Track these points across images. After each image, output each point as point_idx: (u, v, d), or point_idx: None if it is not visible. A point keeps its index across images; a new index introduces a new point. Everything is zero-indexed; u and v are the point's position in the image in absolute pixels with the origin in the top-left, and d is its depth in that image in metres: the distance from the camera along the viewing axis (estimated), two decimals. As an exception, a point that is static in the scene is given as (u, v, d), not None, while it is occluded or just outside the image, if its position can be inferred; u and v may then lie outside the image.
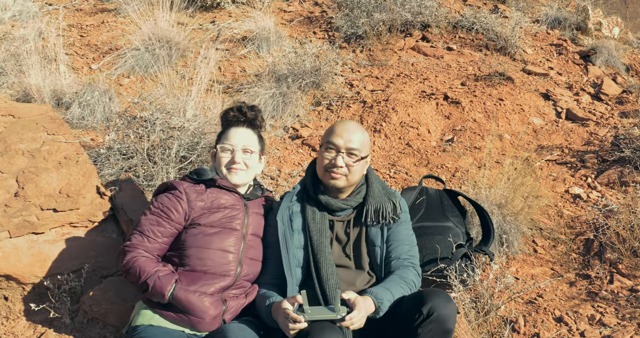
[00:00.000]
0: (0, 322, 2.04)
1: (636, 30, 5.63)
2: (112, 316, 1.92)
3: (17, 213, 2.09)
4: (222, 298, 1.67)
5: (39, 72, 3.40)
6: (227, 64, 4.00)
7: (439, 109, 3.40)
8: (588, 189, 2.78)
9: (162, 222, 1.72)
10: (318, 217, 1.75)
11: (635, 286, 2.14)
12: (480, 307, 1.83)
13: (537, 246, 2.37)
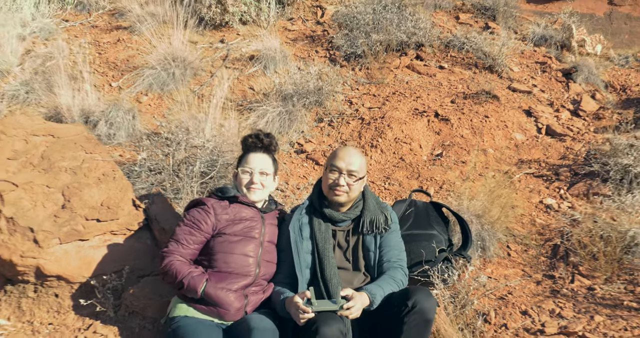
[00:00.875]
0: (53, 316, 2.43)
1: (620, 46, 6.02)
2: (150, 310, 2.31)
3: (65, 223, 2.48)
4: (244, 294, 2.06)
5: (67, 91, 3.79)
6: (237, 82, 4.39)
7: (430, 126, 3.79)
8: (560, 200, 3.17)
9: (194, 232, 2.10)
10: (323, 227, 2.14)
11: (592, 285, 2.52)
12: (457, 302, 2.21)
13: (510, 250, 2.76)
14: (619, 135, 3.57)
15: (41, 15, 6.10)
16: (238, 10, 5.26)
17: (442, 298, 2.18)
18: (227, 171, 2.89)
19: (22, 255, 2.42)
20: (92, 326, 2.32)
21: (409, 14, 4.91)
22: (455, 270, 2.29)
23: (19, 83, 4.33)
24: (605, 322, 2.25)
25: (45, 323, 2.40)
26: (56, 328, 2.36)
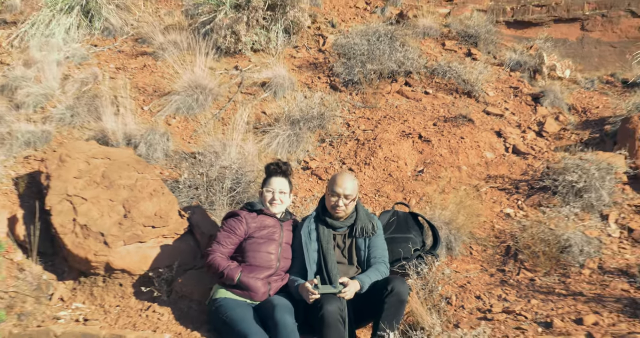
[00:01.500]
0: (118, 300, 3.19)
1: (590, 69, 6.78)
2: (195, 294, 3.07)
3: (127, 229, 3.24)
4: (268, 281, 2.82)
5: (110, 116, 4.54)
6: (251, 106, 5.16)
7: (414, 146, 4.56)
8: (517, 210, 3.93)
9: (231, 236, 2.87)
10: (326, 232, 2.90)
11: (533, 277, 3.28)
12: (427, 288, 2.97)
13: (472, 250, 3.52)
14: (571, 154, 4.33)
15: (72, 41, 6.88)
16: (250, 39, 6.03)
17: (415, 285, 2.94)
18: (249, 187, 3.65)
19: (95, 253, 3.18)
20: (150, 307, 3.08)
21: (399, 45, 5.67)
22: (426, 264, 3.04)
23: (65, 107, 5.09)
24: (538, 304, 3.01)
25: (114, 306, 3.16)
26: (122, 309, 3.12)
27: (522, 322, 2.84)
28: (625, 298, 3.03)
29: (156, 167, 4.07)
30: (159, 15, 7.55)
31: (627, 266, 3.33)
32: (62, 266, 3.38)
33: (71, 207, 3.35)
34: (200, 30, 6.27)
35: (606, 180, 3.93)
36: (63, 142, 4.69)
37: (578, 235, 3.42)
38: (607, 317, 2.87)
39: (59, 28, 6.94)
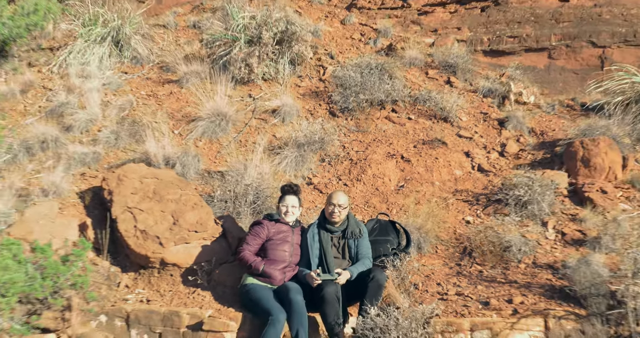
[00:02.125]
0: (170, 287, 4.28)
1: (555, 94, 7.85)
2: (228, 281, 4.16)
3: (176, 233, 4.34)
4: (283, 271, 3.91)
5: (151, 140, 5.62)
6: (264, 130, 6.25)
7: (397, 165, 5.66)
8: (476, 218, 5.02)
9: (256, 238, 3.96)
10: (325, 236, 4.00)
11: (482, 270, 4.37)
12: (400, 277, 4.05)
13: (437, 249, 4.61)
14: (523, 172, 5.42)
15: (105, 68, 7.97)
16: (261, 70, 7.13)
17: (391, 275, 4.03)
18: (267, 200, 4.74)
19: (152, 252, 4.28)
20: (195, 291, 4.17)
21: (387, 77, 6.77)
22: (400, 260, 4.14)
23: (109, 131, 6.18)
24: (482, 289, 4.11)
25: (167, 291, 4.25)
26: (174, 293, 4.21)
27: (468, 301, 3.94)
28: (548, 286, 4.12)
29: (193, 185, 5.15)
30: (179, 43, 8.65)
31: (554, 262, 4.42)
32: (125, 262, 4.48)
33: (132, 217, 4.45)
34: (218, 61, 7.36)
35: (546, 195, 5.03)
36: (110, 161, 5.79)
37: (517, 237, 4.52)
38: (531, 298, 3.97)
39: (93, 57, 8.04)
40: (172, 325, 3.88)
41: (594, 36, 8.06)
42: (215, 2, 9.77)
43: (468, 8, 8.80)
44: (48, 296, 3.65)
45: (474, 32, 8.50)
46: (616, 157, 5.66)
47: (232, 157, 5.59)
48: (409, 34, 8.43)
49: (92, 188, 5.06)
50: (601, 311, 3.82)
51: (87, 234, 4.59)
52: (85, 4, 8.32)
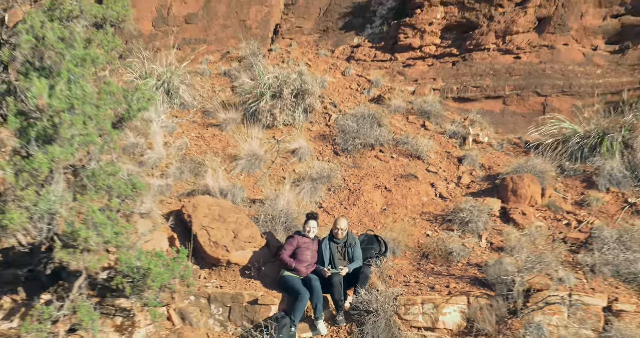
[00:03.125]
0: (233, 278, 6.74)
1: (507, 133, 10.29)
2: (271, 275, 6.63)
3: (237, 244, 6.80)
4: (307, 268, 6.39)
5: (209, 175, 8.05)
6: (286, 167, 8.70)
7: (382, 194, 8.11)
8: (434, 232, 7.47)
9: (290, 246, 6.44)
10: (333, 246, 6.48)
11: (434, 268, 6.82)
12: (380, 271, 6.51)
13: (406, 254, 7.06)
14: (472, 199, 7.88)
15: (160, 113, 10.43)
16: (282, 118, 9.60)
17: (375, 270, 6.50)
18: (295, 221, 7.19)
19: (222, 256, 6.74)
20: (250, 281, 6.64)
21: (376, 125, 9.23)
22: (381, 261, 6.61)
23: (175, 168, 8.63)
24: (432, 279, 6.57)
25: (231, 281, 6.71)
26: (236, 282, 6.67)
27: (421, 287, 6.41)
28: (473, 277, 6.58)
29: (244, 210, 7.61)
30: (215, 90, 11.12)
31: (481, 262, 6.88)
32: (202, 262, 6.93)
33: (206, 233, 6.91)
34: (249, 110, 9.83)
35: (482, 216, 7.49)
36: (179, 191, 8.24)
37: (459, 246, 6.99)
38: (461, 285, 6.42)
39: (150, 103, 10.48)
40: (238, 302, 6.35)
41: (539, 87, 10.52)
42: (239, 51, 12.25)
43: (442, 62, 11.26)
44: (167, 283, 6.10)
45: (446, 82, 10.97)
46: (537, 188, 8.13)
47: (265, 188, 8.07)
48: (395, 84, 10.89)
49: (173, 212, 7.51)
50: (503, 293, 6.28)
51: (175, 245, 7.05)
52: (141, 61, 10.79)
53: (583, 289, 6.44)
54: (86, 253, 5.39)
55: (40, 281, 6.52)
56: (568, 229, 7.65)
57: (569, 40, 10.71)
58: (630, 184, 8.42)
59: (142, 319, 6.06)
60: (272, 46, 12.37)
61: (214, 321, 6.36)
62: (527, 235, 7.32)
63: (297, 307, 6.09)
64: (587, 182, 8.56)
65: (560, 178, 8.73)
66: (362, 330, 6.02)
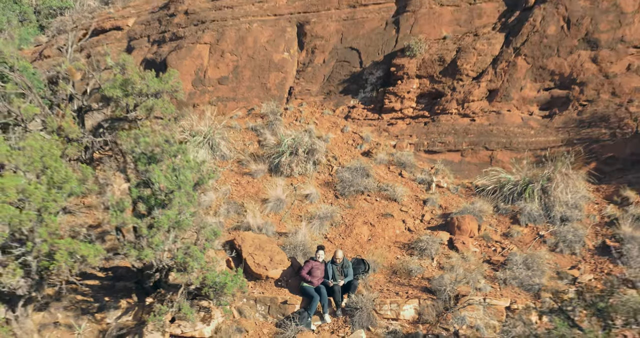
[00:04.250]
0: (270, 288, 10.60)
1: (463, 179, 14.10)
2: (295, 285, 10.50)
3: (272, 265, 10.66)
4: (318, 281, 10.26)
5: (250, 214, 11.87)
6: (301, 207, 12.54)
7: (368, 228, 11.97)
8: (402, 256, 11.30)
9: (307, 267, 10.34)
10: (334, 267, 10.37)
11: (399, 280, 10.65)
12: (364, 282, 10.34)
13: (382, 271, 10.87)
14: (429, 232, 11.73)
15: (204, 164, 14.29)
16: (298, 170, 13.44)
17: (361, 282, 10.35)
18: (309, 249, 11.02)
19: (262, 273, 10.63)
20: (281, 289, 10.50)
21: (365, 175, 13.08)
22: (364, 276, 10.48)
23: (223, 209, 12.47)
24: (397, 288, 10.43)
25: (269, 289, 10.57)
26: (272, 290, 10.53)
27: (390, 293, 10.27)
28: (424, 287, 10.43)
29: (274, 241, 11.45)
30: (245, 143, 14.96)
31: (430, 277, 10.72)
32: (249, 277, 10.77)
33: (252, 257, 10.78)
34: (273, 162, 13.68)
35: (434, 245, 11.34)
36: (228, 226, 12.07)
37: (416, 265, 10.84)
38: (416, 291, 10.29)
39: (199, 154, 14.37)
40: (274, 302, 10.20)
41: (487, 143, 14.33)
42: (262, 108, 16.08)
43: (417, 122, 15.09)
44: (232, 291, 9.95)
45: (419, 138, 14.80)
46: (475, 224, 11.98)
47: (287, 224, 11.91)
48: (381, 139, 14.73)
49: (227, 242, 11.35)
50: (442, 297, 10.11)
51: (231, 265, 10.90)
52: (191, 122, 14.65)
53: (495, 295, 10.29)
54: (189, 274, 9.26)
55: (144, 290, 10.41)
56: (494, 253, 11.51)
57: (511, 107, 14.54)
58: (543, 220, 12.27)
59: (216, 313, 9.92)
60: (287, 105, 16.22)
61: (259, 314, 10.23)
62: (464, 258, 11.17)
63: (311, 306, 9.96)
64: (513, 219, 12.43)
65: (495, 215, 12.59)
66: (352, 319, 9.89)
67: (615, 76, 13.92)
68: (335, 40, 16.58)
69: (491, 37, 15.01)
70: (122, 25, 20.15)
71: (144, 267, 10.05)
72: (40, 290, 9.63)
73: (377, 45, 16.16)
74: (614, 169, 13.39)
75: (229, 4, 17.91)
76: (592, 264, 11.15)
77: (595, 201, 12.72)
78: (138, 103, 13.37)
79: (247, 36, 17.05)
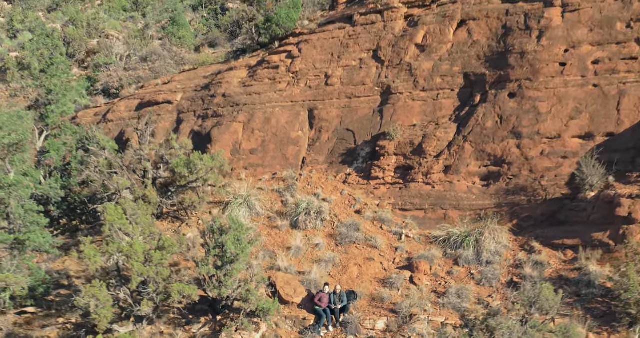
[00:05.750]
0: (294, 309, 17.20)
1: (425, 230, 20.63)
2: (310, 307, 17.12)
3: (296, 294, 17.31)
4: (325, 304, 16.89)
5: (280, 258, 18.39)
6: (313, 253, 19.11)
7: (357, 268, 18.58)
8: (379, 288, 17.87)
9: (318, 296, 17.02)
10: (335, 296, 17.03)
11: (377, 305, 17.22)
12: (353, 306, 16.92)
13: (365, 299, 17.41)
14: (398, 271, 18.32)
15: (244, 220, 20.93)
16: (310, 224, 20.03)
17: (351, 305, 16.96)
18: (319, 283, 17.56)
19: (289, 300, 17.29)
20: (302, 310, 17.13)
21: (357, 229, 19.67)
22: (354, 302, 17.10)
23: (261, 254, 19.04)
24: (374, 309, 17.06)
25: (295, 310, 17.16)
26: (296, 311, 17.10)
27: (369, 313, 16.87)
28: (392, 309, 17.03)
29: (296, 278, 18.02)
30: (272, 202, 21.51)
31: (396, 302, 17.29)
32: (280, 302, 17.35)
33: (283, 290, 17.43)
34: (294, 219, 20.30)
35: (400, 280, 17.93)
36: (265, 266, 18.66)
37: (387, 295, 17.43)
38: (384, 312, 16.89)
39: (240, 213, 21.00)
40: (297, 319, 16.84)
41: (442, 205, 20.86)
42: (282, 173, 22.67)
43: (394, 187, 21.65)
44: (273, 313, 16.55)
45: (395, 200, 21.37)
46: (428, 266, 18.58)
47: (304, 265, 18.49)
48: (368, 200, 21.31)
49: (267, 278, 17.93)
50: (402, 316, 16.70)
51: (269, 295, 17.50)
52: (234, 188, 21.25)
53: (435, 314, 16.91)
54: (248, 302, 15.90)
55: (215, 311, 17.10)
56: (439, 286, 18.12)
57: (460, 178, 21.08)
58: (475, 263, 18.86)
59: (262, 326, 16.52)
60: (301, 171, 22.79)
61: (288, 326, 16.88)
62: (419, 290, 17.77)
63: (320, 321, 16.64)
64: (454, 261, 19.01)
65: (443, 258, 19.19)
66: (346, 330, 16.53)
67: (533, 159, 20.46)
68: (336, 123, 23.20)
69: (447, 127, 21.61)
70: (172, 99, 26.78)
71: (217, 296, 16.68)
72: (155, 312, 16.33)
73: (366, 128, 22.78)
74: (528, 225, 19.94)
75: (257, 91, 24.56)
76: (502, 294, 17.72)
77: (512, 249, 19.29)
78: (198, 177, 20.17)
79: (271, 118, 23.70)
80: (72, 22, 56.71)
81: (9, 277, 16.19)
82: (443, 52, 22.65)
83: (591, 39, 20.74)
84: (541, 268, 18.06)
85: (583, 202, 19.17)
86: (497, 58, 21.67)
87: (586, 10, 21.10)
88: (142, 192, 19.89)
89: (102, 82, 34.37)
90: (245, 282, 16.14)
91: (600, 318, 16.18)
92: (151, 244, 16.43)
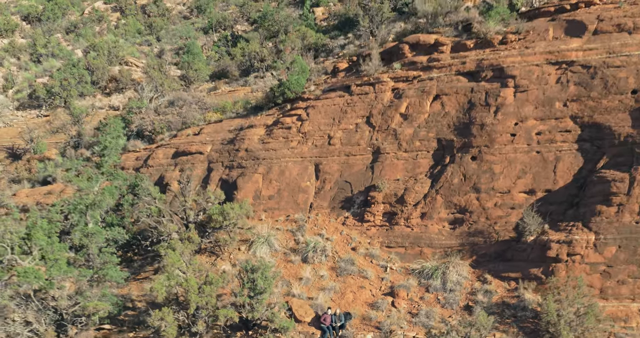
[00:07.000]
0: (306, 327, 23.80)
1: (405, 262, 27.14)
2: (317, 325, 23.72)
3: (307, 314, 23.90)
4: (329, 323, 23.49)
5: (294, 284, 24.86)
6: (319, 282, 25.65)
7: (353, 295, 25.15)
8: (369, 310, 24.41)
9: (322, 317, 23.61)
10: (335, 316, 23.64)
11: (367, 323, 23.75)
12: (348, 324, 23.46)
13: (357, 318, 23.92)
14: (383, 296, 24.90)
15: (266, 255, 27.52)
16: (316, 260, 26.60)
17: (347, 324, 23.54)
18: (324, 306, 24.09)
19: (302, 319, 23.86)
20: (312, 328, 23.66)
21: (352, 263, 26.23)
22: (349, 320, 23.69)
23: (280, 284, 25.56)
24: (365, 326, 23.65)
25: (306, 327, 23.73)
26: (307, 328, 23.69)
27: (360, 329, 23.47)
28: (378, 326, 23.60)
29: (307, 302, 24.56)
30: (287, 241, 28.09)
31: (381, 321, 23.86)
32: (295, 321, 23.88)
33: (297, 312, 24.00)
34: (305, 254, 26.87)
35: (385, 304, 24.50)
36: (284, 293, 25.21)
37: (374, 316, 23.99)
38: (373, 328, 23.47)
39: (262, 250, 27.59)
40: (308, 334, 23.46)
41: (419, 244, 27.40)
42: (294, 216, 29.26)
43: (382, 229, 28.19)
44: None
45: (383, 239, 27.93)
46: (405, 292, 25.14)
47: (312, 292, 25.04)
48: (362, 239, 27.86)
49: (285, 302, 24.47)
50: (385, 331, 23.27)
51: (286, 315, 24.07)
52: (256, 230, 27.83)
53: (409, 330, 23.52)
54: (274, 322, 22.52)
55: (247, 327, 23.78)
56: (413, 308, 24.70)
57: (433, 223, 27.60)
58: (441, 290, 25.43)
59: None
60: (309, 214, 29.35)
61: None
62: (398, 311, 24.36)
63: (324, 336, 23.25)
64: (426, 289, 25.60)
65: (417, 286, 25.77)
66: (343, 342, 23.17)
67: (488, 209, 27.01)
68: (337, 175, 29.78)
69: (423, 182, 28.18)
70: (202, 150, 33.39)
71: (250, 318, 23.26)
72: (206, 330, 22.94)
73: (361, 180, 29.35)
74: (484, 260, 26.51)
75: (273, 147, 31.17)
76: (460, 315, 24.25)
77: (470, 279, 25.85)
78: (230, 222, 26.87)
79: (285, 170, 30.31)
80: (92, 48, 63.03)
81: (98, 305, 22.75)
82: (421, 120, 29.22)
83: (536, 114, 27.28)
84: (490, 295, 24.63)
85: (524, 244, 25.72)
86: (463, 127, 28.22)
87: (533, 91, 27.63)
88: (187, 234, 26.50)
89: (136, 124, 40.78)
90: (270, 306, 22.71)
91: (529, 334, 22.76)
92: (200, 279, 23.01)
